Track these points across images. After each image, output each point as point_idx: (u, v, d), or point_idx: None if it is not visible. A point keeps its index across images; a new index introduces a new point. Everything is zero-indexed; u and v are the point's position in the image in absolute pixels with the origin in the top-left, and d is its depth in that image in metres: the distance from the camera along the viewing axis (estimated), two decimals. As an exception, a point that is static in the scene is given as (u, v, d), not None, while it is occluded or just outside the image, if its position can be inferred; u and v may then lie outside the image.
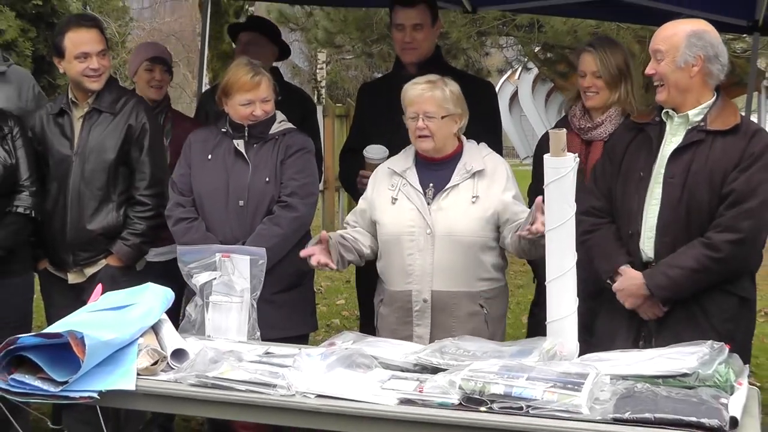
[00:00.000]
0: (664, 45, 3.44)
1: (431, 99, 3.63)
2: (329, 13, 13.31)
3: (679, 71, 3.42)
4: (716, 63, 3.44)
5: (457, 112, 3.68)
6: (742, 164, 3.37)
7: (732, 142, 3.41)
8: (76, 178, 4.23)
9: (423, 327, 3.65)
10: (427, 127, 3.63)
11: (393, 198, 3.72)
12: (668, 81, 3.44)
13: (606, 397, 2.73)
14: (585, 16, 8.41)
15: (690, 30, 3.43)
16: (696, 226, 3.42)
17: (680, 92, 3.46)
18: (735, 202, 3.37)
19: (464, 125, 3.75)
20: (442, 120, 3.64)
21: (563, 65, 14.91)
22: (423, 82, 3.69)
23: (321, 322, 8.15)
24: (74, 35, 4.20)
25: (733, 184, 3.37)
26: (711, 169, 3.40)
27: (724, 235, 3.36)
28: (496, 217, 3.65)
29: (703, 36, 3.43)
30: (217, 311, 3.46)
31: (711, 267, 3.37)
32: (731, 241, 3.35)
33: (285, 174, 3.91)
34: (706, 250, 3.37)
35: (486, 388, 2.70)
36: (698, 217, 3.42)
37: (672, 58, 3.42)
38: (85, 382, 2.79)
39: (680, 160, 3.45)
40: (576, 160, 3.19)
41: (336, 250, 3.68)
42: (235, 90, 3.88)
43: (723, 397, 2.70)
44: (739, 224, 3.35)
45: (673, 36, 3.44)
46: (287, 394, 2.76)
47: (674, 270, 3.40)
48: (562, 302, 3.24)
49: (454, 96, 3.68)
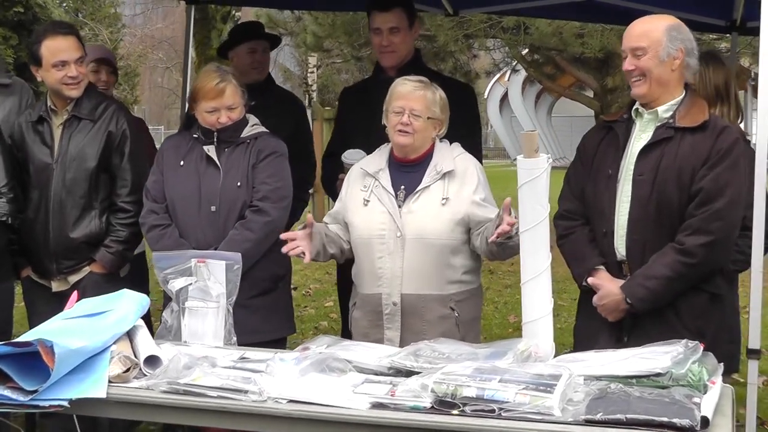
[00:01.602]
0: (645, 41, 3.43)
1: (421, 98, 3.64)
2: (317, 17, 13.35)
3: (662, 65, 3.42)
4: (693, 56, 3.46)
5: (441, 118, 3.70)
6: (710, 161, 3.37)
7: (700, 139, 3.41)
8: (58, 186, 4.23)
9: (393, 330, 3.65)
10: (411, 123, 3.62)
11: (365, 200, 3.72)
12: (651, 75, 3.43)
13: (579, 398, 2.72)
14: (568, 17, 8.46)
15: (667, 24, 3.45)
16: (666, 224, 3.42)
17: (660, 86, 3.46)
18: (704, 201, 3.37)
19: (442, 134, 3.75)
20: (427, 121, 3.64)
21: (550, 67, 14.97)
22: (415, 80, 3.70)
23: (309, 324, 8.18)
24: (51, 43, 4.19)
25: (702, 182, 3.37)
26: (680, 166, 3.40)
27: (696, 238, 3.36)
28: (466, 219, 3.64)
29: (681, 29, 3.45)
30: (193, 317, 3.45)
31: (686, 273, 3.38)
32: (703, 245, 3.35)
33: (257, 178, 3.91)
34: (679, 256, 3.37)
35: (458, 391, 2.69)
36: (668, 214, 3.42)
37: (655, 52, 3.41)
38: (55, 390, 2.78)
39: (649, 157, 3.45)
40: (549, 161, 3.20)
41: (319, 238, 3.67)
42: (201, 97, 3.88)
43: (696, 397, 2.70)
44: (709, 226, 3.35)
45: (653, 31, 3.44)
46: (259, 399, 2.75)
47: (651, 281, 3.40)
48: (537, 303, 3.25)
49: (442, 102, 3.69)
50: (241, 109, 3.94)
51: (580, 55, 12.15)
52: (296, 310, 8.68)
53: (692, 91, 3.54)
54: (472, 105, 4.77)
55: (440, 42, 12.56)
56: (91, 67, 4.81)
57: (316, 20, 13.33)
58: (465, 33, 12.29)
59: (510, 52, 14.22)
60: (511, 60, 15.03)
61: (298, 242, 3.59)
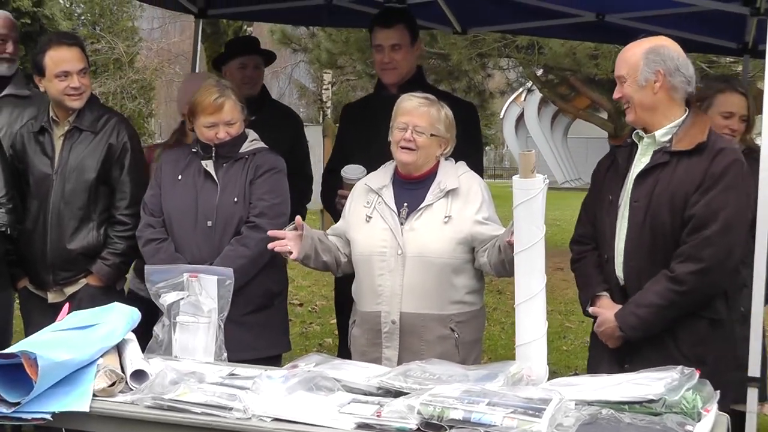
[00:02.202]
0: (624, 68, 3.43)
1: (425, 114, 3.61)
2: (331, 34, 13.38)
3: (642, 90, 3.40)
4: (678, 76, 3.40)
5: (446, 136, 3.66)
6: (703, 186, 3.33)
7: (696, 162, 3.36)
8: (57, 197, 4.22)
9: (392, 349, 3.61)
10: (414, 140, 3.59)
11: (368, 216, 3.68)
12: (633, 102, 3.43)
13: (569, 423, 2.67)
14: (579, 37, 8.42)
15: (647, 47, 3.41)
16: (660, 250, 3.38)
17: (646, 111, 3.44)
18: (696, 228, 3.32)
19: (448, 152, 3.72)
20: (431, 138, 3.61)
21: (564, 87, 14.95)
22: (420, 97, 3.68)
23: (313, 341, 8.15)
24: (55, 53, 4.20)
25: (694, 209, 3.33)
26: (673, 193, 3.36)
27: (687, 266, 3.32)
28: (469, 238, 3.60)
29: (659, 51, 3.40)
30: (184, 332, 3.42)
31: (677, 300, 3.34)
32: (694, 272, 3.31)
33: (254, 194, 3.89)
34: (670, 284, 3.34)
35: (445, 413, 2.63)
36: (662, 240, 3.38)
37: (633, 78, 3.40)
38: (39, 402, 2.75)
39: (645, 183, 3.42)
40: (546, 181, 3.16)
41: (310, 241, 3.64)
42: (199, 111, 3.87)
43: (689, 424, 2.64)
44: (700, 253, 3.30)
45: (631, 57, 3.42)
46: (243, 417, 2.71)
47: (642, 309, 3.38)
48: (531, 325, 3.20)
49: (447, 120, 3.66)
50: (240, 124, 3.92)
51: (594, 76, 12.13)
52: (301, 326, 8.75)
53: (695, 111, 3.50)
54: (475, 123, 4.75)
55: (454, 61, 12.58)
56: None
57: (329, 37, 13.37)
58: (479, 52, 12.30)
59: (524, 72, 14.23)
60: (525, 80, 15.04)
61: (286, 241, 3.57)
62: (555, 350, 7.80)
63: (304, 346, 7.71)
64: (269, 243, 3.57)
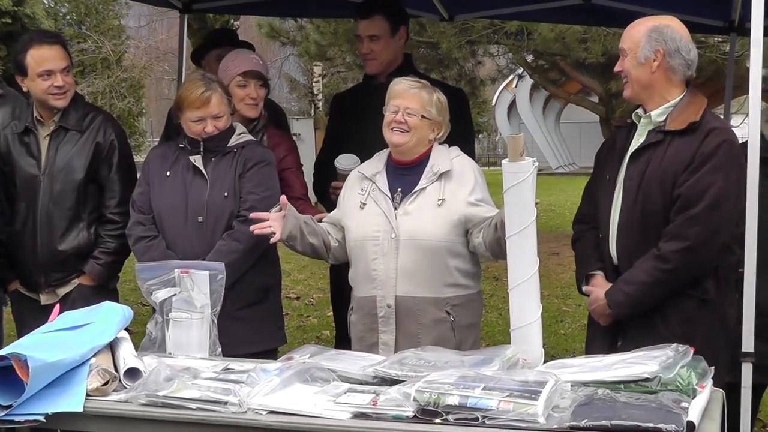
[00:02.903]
0: (627, 42, 3.45)
1: (416, 96, 3.61)
2: (319, 26, 13.33)
3: (640, 67, 3.41)
4: (677, 57, 3.40)
5: (438, 119, 3.65)
6: (693, 165, 3.33)
7: (687, 142, 3.37)
8: (45, 198, 4.19)
9: (388, 333, 3.60)
10: (405, 121, 3.58)
11: (362, 203, 3.68)
12: (631, 77, 3.45)
13: (566, 405, 2.67)
14: (568, 21, 8.40)
15: (651, 25, 3.42)
16: (651, 229, 3.39)
17: (643, 88, 3.45)
18: (683, 207, 3.33)
19: (442, 137, 3.71)
20: (421, 120, 3.60)
21: (554, 73, 14.93)
22: (412, 80, 3.68)
23: (311, 334, 8.15)
24: (37, 53, 4.16)
25: (682, 188, 3.33)
26: (663, 171, 3.36)
27: (672, 244, 3.32)
28: (463, 220, 3.58)
29: (662, 30, 3.40)
30: (177, 328, 3.41)
31: (663, 278, 3.34)
32: (679, 251, 3.31)
33: (244, 188, 3.86)
34: (655, 262, 3.34)
35: (441, 400, 2.63)
36: (653, 219, 3.38)
37: (633, 54, 3.42)
38: (32, 404, 2.74)
39: (638, 162, 3.43)
40: (535, 164, 3.15)
41: (295, 222, 3.63)
42: (186, 106, 3.84)
43: (684, 401, 2.65)
44: (686, 232, 3.31)
45: (636, 33, 3.44)
46: (239, 411, 2.70)
47: (630, 286, 3.40)
48: (525, 309, 3.20)
49: (439, 104, 3.65)
50: (227, 117, 3.89)
51: (584, 60, 12.10)
52: (299, 319, 8.75)
53: (693, 91, 3.49)
54: (464, 109, 4.73)
55: (443, 49, 12.54)
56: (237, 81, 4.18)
57: (318, 29, 13.32)
58: (468, 39, 12.26)
59: (514, 58, 14.20)
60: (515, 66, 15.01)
61: (270, 222, 3.57)
62: (552, 334, 7.80)
63: (301, 339, 7.70)
64: (251, 226, 3.53)
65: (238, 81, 4.14)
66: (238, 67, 4.18)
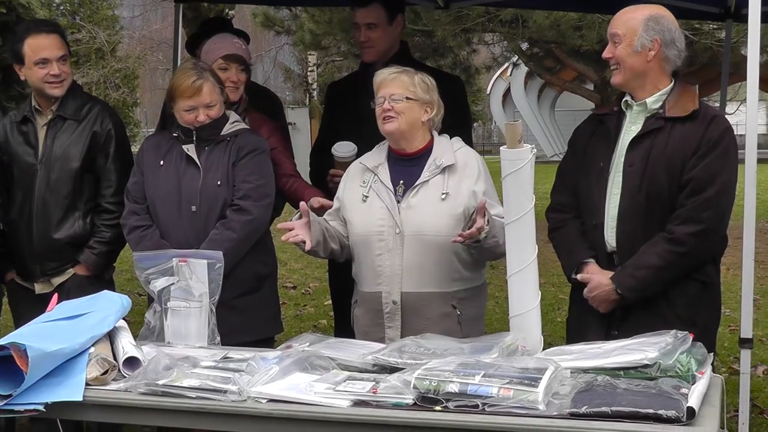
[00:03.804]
0: (622, 29, 3.42)
1: (397, 81, 3.58)
2: (314, 14, 13.30)
3: (636, 55, 3.40)
4: (673, 48, 3.42)
5: (425, 98, 3.60)
6: (700, 151, 3.34)
7: (690, 128, 3.37)
8: (42, 186, 4.17)
9: (394, 329, 3.58)
10: (392, 108, 3.55)
11: (364, 196, 3.65)
12: (624, 64, 3.42)
13: (566, 392, 2.68)
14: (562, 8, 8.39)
15: (648, 14, 3.41)
16: (656, 214, 3.38)
17: (636, 76, 3.44)
18: (694, 191, 3.33)
19: (438, 119, 3.67)
20: (408, 102, 3.56)
21: (550, 61, 14.92)
22: (392, 68, 3.66)
23: (308, 323, 8.14)
24: (33, 41, 4.14)
25: (692, 172, 3.33)
26: (669, 157, 3.36)
27: (686, 227, 3.32)
28: (466, 213, 3.54)
29: (660, 20, 3.41)
30: (176, 317, 3.40)
31: (676, 262, 3.34)
32: (693, 233, 3.31)
33: (237, 176, 3.84)
34: (669, 245, 3.33)
35: (441, 387, 2.63)
36: (658, 204, 3.38)
37: (629, 41, 3.40)
38: (31, 394, 2.74)
39: (639, 147, 3.42)
40: (533, 151, 3.14)
41: (319, 228, 3.57)
42: (178, 95, 3.82)
43: (684, 387, 2.65)
44: (699, 215, 3.31)
45: (631, 20, 3.42)
46: (238, 399, 2.70)
47: (641, 270, 3.37)
48: (524, 296, 3.20)
49: (423, 84, 3.61)
50: (220, 106, 3.87)
51: (579, 48, 12.11)
52: (296, 309, 8.74)
53: (682, 81, 3.50)
54: (461, 96, 4.72)
55: (438, 37, 12.52)
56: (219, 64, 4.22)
57: (312, 17, 13.29)
58: (463, 27, 12.24)
59: (509, 46, 14.18)
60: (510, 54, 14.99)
61: (296, 231, 3.49)
62: (550, 322, 7.80)
63: (299, 328, 7.70)
64: (283, 236, 3.50)
65: (219, 64, 4.17)
66: (220, 50, 4.23)
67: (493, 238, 3.39)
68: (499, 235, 3.36)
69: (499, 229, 3.35)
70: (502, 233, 3.31)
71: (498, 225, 3.38)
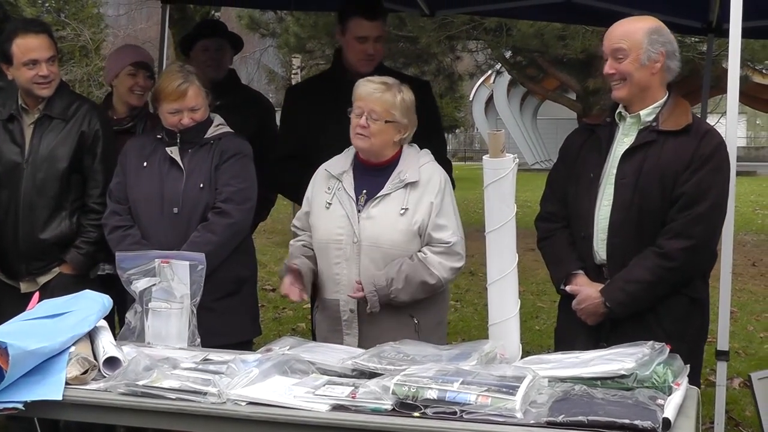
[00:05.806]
0: (626, 43, 3.38)
1: (380, 100, 3.56)
2: (299, 18, 13.33)
3: (643, 69, 3.38)
4: (674, 59, 3.43)
5: (403, 122, 3.60)
6: (693, 165, 3.34)
7: (683, 142, 3.37)
8: (28, 186, 4.16)
9: (351, 336, 3.62)
10: (368, 126, 3.55)
11: (327, 203, 3.66)
12: (632, 79, 3.39)
13: (543, 400, 2.69)
14: (548, 18, 8.45)
15: (648, 26, 3.40)
16: (647, 227, 3.39)
17: (641, 89, 3.42)
18: (686, 205, 3.33)
19: (408, 137, 3.67)
20: (385, 124, 3.56)
21: (533, 69, 15.00)
22: (378, 82, 3.62)
23: (287, 326, 8.15)
24: (22, 41, 4.13)
25: (684, 187, 3.33)
26: (662, 170, 3.36)
27: (677, 242, 3.32)
28: (423, 228, 3.57)
29: (662, 32, 3.40)
30: (156, 318, 3.40)
31: (666, 276, 3.34)
32: (684, 249, 3.32)
33: (220, 179, 3.86)
34: (659, 260, 3.34)
35: (419, 393, 2.65)
36: (649, 218, 3.38)
37: (635, 55, 3.37)
38: (11, 392, 2.72)
39: (632, 160, 3.41)
40: (515, 161, 3.17)
41: (310, 272, 3.64)
42: (163, 98, 3.84)
43: (660, 398, 2.67)
44: (690, 230, 3.32)
45: (633, 33, 3.38)
46: (218, 401, 2.70)
47: (631, 285, 3.37)
48: (504, 305, 3.21)
49: (404, 105, 3.60)
50: (204, 110, 3.89)
51: (562, 57, 12.18)
52: (275, 311, 8.74)
53: (675, 93, 3.49)
54: (430, 102, 4.66)
55: (422, 44, 12.57)
56: (128, 70, 4.62)
57: (297, 21, 13.32)
58: (447, 35, 12.30)
59: (493, 54, 14.25)
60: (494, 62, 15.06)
61: (294, 293, 3.58)
62: (528, 330, 7.84)
63: (277, 331, 7.70)
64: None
65: (128, 70, 4.56)
66: (130, 57, 4.61)
67: (403, 298, 3.54)
68: (414, 291, 3.55)
69: (414, 286, 3.54)
70: (418, 289, 3.53)
71: (405, 281, 3.53)
